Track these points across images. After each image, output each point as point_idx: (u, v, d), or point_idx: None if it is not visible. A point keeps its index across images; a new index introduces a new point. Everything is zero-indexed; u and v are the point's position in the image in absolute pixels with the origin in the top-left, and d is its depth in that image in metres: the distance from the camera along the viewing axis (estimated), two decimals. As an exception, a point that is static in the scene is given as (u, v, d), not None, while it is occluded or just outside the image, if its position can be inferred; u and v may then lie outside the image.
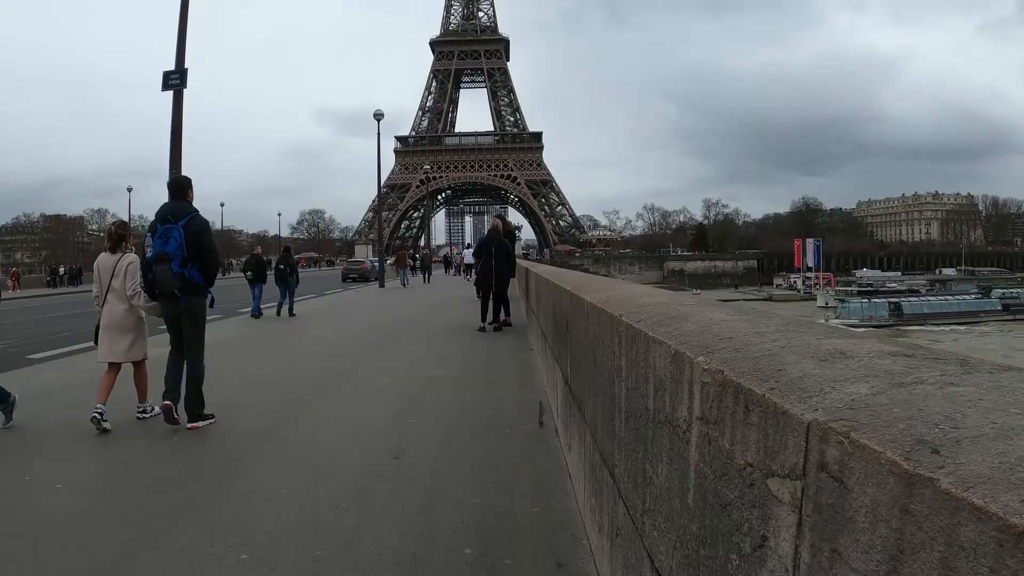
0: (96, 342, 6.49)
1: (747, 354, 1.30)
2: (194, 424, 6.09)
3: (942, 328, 62.00)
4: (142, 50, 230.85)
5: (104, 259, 6.45)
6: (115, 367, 6.36)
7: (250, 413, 6.60)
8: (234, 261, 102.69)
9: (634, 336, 2.02)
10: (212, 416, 6.24)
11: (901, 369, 1.04)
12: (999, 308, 69.91)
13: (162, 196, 6.49)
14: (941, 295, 75.30)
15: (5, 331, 15.68)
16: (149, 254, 6.12)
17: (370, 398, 7.21)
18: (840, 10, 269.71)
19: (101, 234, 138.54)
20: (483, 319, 12.61)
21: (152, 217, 6.77)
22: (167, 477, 4.76)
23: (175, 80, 13.08)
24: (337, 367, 9.31)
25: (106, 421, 5.91)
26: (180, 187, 6.44)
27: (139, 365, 6.50)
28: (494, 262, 12.27)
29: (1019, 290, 78.96)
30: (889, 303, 67.73)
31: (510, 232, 13.33)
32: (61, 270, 54.61)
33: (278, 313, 17.04)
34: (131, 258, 6.46)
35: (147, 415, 6.39)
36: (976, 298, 73.30)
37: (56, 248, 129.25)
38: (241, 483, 4.58)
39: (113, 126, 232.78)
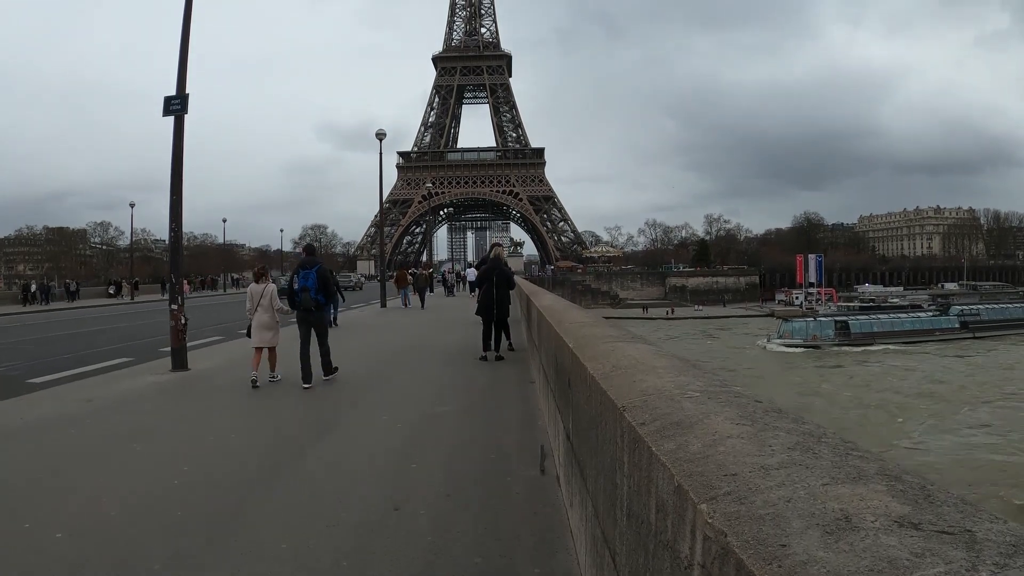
0: (249, 335, 10.80)
1: (751, 508, 1.29)
2: (328, 377, 10.50)
3: (890, 347, 59.80)
4: (147, 63, 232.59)
5: (254, 287, 10.99)
6: (260, 350, 10.53)
7: (246, 463, 6.57)
8: (235, 275, 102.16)
9: (636, 441, 2.00)
10: (336, 368, 10.71)
11: (907, 558, 1.02)
12: (956, 326, 67.95)
13: (164, 209, 11.96)
14: (894, 313, 72.99)
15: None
16: (296, 285, 10.49)
17: (371, 438, 7.16)
18: (836, 23, 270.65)
19: (104, 247, 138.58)
20: (485, 348, 12.59)
21: (155, 232, 13.39)
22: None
23: (176, 106, 12.96)
24: (338, 399, 9.27)
25: (257, 381, 10.21)
26: (312, 250, 11.47)
27: (273, 349, 10.63)
28: (495, 291, 12.28)
29: (980, 306, 76.81)
30: (836, 322, 65.28)
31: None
32: (33, 286, 51.28)
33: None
34: (272, 287, 11.00)
35: (276, 379, 10.64)
36: (933, 315, 71.29)
37: (59, 261, 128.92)
38: (232, 539, 4.54)
39: (117, 139, 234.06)
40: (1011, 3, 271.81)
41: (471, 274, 32.13)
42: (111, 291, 57.82)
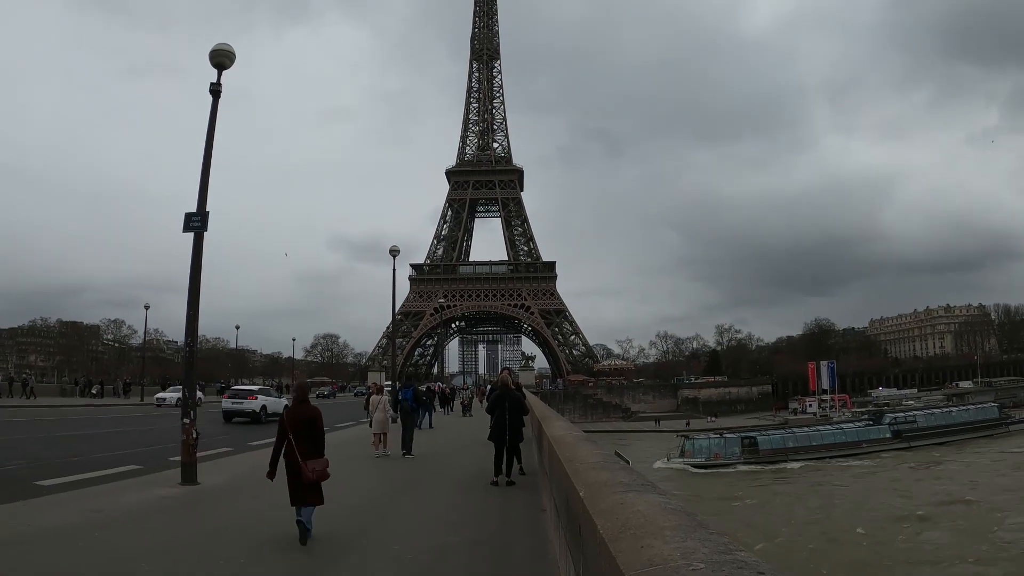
0: (371, 424, 18.38)
1: None
2: (406, 454, 17.35)
3: (802, 464, 55.75)
4: (169, 168, 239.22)
5: (375, 397, 18.51)
6: (378, 435, 17.69)
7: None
8: (246, 381, 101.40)
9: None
10: (413, 454, 17.39)
11: None
12: (888, 436, 64.07)
13: (177, 311, 12.45)
14: (815, 427, 69.31)
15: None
16: (400, 396, 20.42)
17: (381, 572, 7.09)
18: (830, 134, 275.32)
19: (116, 344, 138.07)
20: (496, 472, 12.58)
21: (168, 333, 64.26)
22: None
23: (196, 223, 13.01)
24: (346, 527, 9.17)
25: (379, 454, 17.39)
26: (409, 380, 32.88)
27: (386, 435, 17.74)
28: (508, 417, 12.39)
29: (917, 412, 73.35)
30: (743, 438, 61.01)
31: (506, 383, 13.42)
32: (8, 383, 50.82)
33: (428, 424, 26.67)
34: (385, 398, 18.66)
35: (386, 454, 17.33)
36: (865, 425, 67.52)
37: (70, 354, 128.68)
38: None
39: (135, 239, 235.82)
40: (997, 100, 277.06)
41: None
42: (94, 391, 57.40)
